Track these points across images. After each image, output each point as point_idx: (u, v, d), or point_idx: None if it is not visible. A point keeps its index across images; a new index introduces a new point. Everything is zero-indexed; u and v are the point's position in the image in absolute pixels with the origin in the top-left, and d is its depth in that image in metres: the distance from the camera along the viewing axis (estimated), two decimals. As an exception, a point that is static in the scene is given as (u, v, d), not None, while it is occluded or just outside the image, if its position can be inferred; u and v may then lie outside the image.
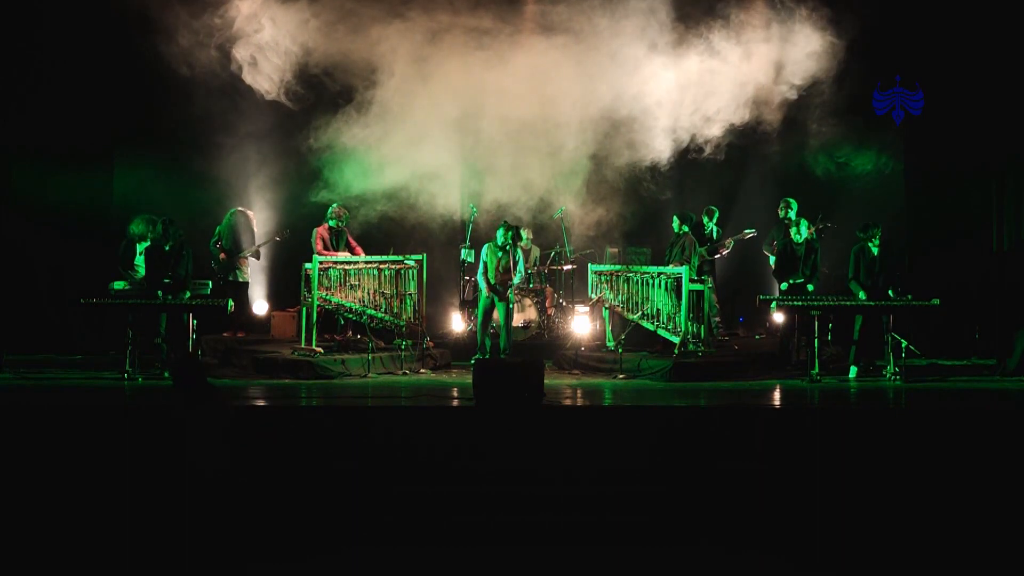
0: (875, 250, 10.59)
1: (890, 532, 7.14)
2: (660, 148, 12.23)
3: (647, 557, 6.96)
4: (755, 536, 7.16)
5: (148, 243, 10.96)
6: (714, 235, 12.50)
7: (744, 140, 12.40)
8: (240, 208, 12.36)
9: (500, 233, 11.11)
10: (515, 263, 11.16)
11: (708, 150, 12.25)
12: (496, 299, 11.11)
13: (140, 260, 11.07)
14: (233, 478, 6.18)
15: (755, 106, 12.12)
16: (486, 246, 11.27)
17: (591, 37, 11.98)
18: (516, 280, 11.20)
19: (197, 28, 11.65)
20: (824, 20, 11.79)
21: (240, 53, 11.75)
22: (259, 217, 12.76)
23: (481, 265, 11.20)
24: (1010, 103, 12.30)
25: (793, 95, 12.15)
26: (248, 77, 11.85)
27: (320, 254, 11.13)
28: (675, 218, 11.72)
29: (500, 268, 11.12)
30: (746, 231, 12.51)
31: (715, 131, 12.06)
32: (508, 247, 11.12)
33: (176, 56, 11.65)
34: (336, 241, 11.54)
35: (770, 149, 12.78)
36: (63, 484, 7.26)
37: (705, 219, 12.51)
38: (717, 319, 12.32)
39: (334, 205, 11.61)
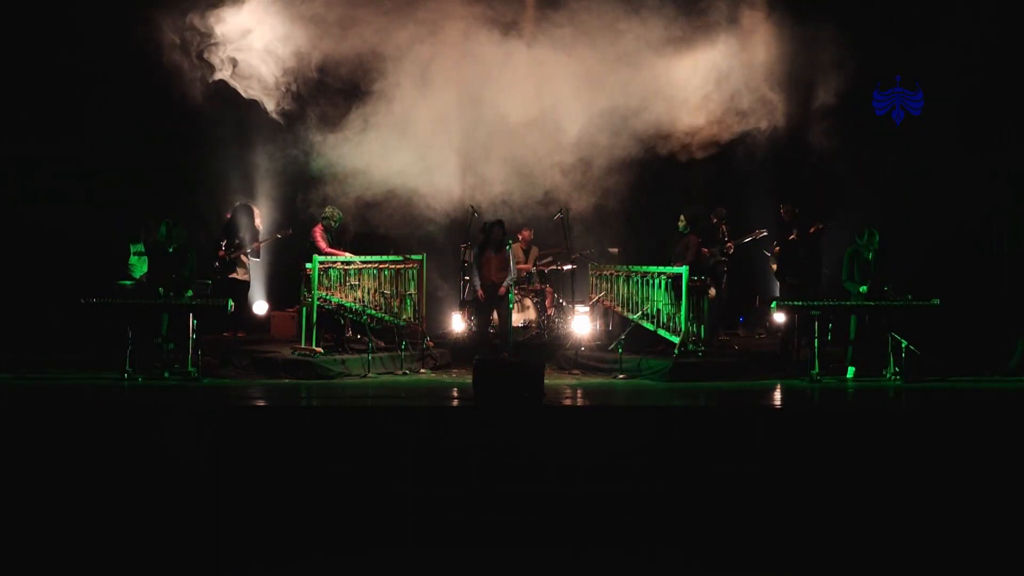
0: (870, 255, 10.51)
1: (890, 532, 7.14)
2: (660, 148, 12.24)
3: (647, 558, 6.96)
4: (754, 536, 7.16)
5: (141, 244, 10.93)
6: (725, 235, 12.49)
7: (744, 140, 12.39)
8: (242, 202, 12.33)
9: (487, 233, 11.09)
10: (505, 262, 11.14)
11: (709, 150, 12.26)
12: (492, 299, 11.11)
13: (134, 260, 11.03)
14: (229, 478, 6.19)
15: (755, 106, 12.11)
16: (476, 247, 11.26)
17: (593, 35, 11.99)
18: (509, 279, 11.20)
19: (197, 29, 11.65)
20: (824, 20, 11.79)
21: (238, 55, 11.75)
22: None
23: (473, 267, 11.18)
24: (1010, 103, 12.29)
25: (793, 95, 12.16)
26: (247, 78, 11.85)
27: (325, 252, 11.13)
28: (683, 217, 11.71)
29: (492, 268, 11.11)
30: (757, 230, 12.46)
31: (715, 131, 12.09)
32: (497, 247, 11.10)
33: (176, 56, 11.66)
34: (332, 242, 11.53)
35: (770, 149, 12.77)
36: (63, 484, 7.26)
37: (714, 220, 12.49)
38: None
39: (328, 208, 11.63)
